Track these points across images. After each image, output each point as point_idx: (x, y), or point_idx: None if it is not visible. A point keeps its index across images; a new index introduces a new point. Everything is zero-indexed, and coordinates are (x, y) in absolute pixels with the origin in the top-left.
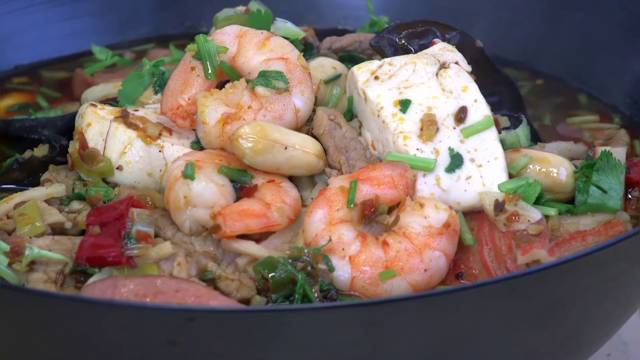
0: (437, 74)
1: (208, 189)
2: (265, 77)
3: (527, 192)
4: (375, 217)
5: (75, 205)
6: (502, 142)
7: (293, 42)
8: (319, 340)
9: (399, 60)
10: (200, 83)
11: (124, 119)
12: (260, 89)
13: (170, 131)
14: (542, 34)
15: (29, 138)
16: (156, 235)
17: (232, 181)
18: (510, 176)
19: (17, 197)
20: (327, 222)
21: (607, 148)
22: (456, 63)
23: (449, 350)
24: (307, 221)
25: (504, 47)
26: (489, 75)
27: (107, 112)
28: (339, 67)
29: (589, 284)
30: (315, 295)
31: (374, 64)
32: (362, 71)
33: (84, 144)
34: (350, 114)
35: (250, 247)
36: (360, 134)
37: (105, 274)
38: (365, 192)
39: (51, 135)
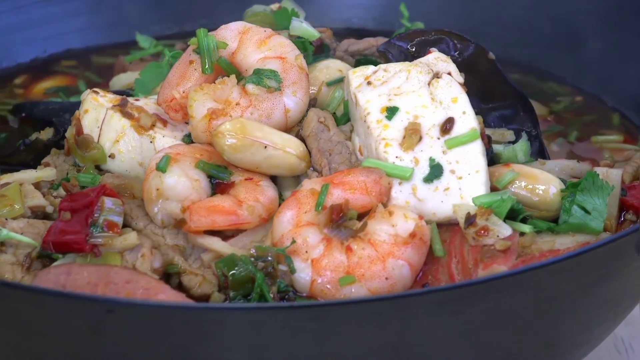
0: (429, 83)
1: (180, 183)
2: (258, 75)
3: (500, 207)
4: (343, 222)
5: (63, 190)
6: (499, 156)
7: (303, 42)
8: (243, 340)
9: (394, 67)
10: (197, 77)
11: (121, 107)
12: (250, 87)
13: (165, 123)
14: (590, 52)
15: (51, 121)
16: (128, 226)
17: (210, 177)
18: (496, 190)
19: (6, 178)
20: (294, 224)
21: (605, 169)
22: (449, 74)
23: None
24: (275, 221)
25: (551, 61)
26: (500, 87)
27: (107, 100)
28: (346, 70)
29: (540, 298)
30: (272, 295)
31: (369, 69)
32: (356, 75)
33: (79, 130)
34: (346, 118)
35: (214, 244)
36: (350, 138)
37: (69, 260)
38: (336, 196)
39: (64, 119)
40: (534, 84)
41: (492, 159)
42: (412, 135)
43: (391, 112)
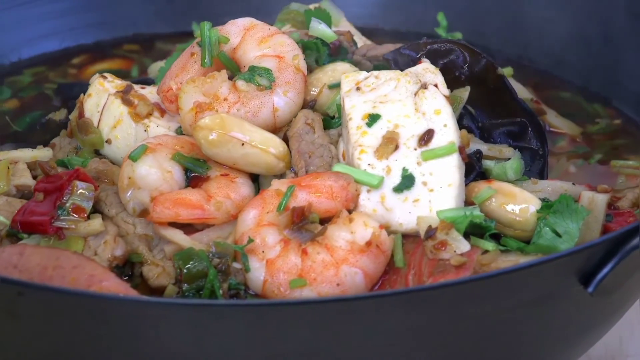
0: (416, 94)
1: (151, 173)
2: (251, 72)
3: (461, 223)
4: (303, 225)
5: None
6: (489, 172)
7: (316, 43)
8: (144, 334)
9: (385, 74)
10: (196, 70)
11: (123, 94)
12: (240, 83)
13: (163, 113)
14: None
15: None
16: (101, 211)
17: (187, 170)
18: (471, 205)
19: (2, 155)
20: (256, 223)
21: (592, 194)
22: (435, 85)
23: None
24: (239, 219)
25: (599, 81)
26: (507, 104)
27: (113, 86)
28: None
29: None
30: (221, 292)
31: (361, 75)
32: (348, 80)
33: (81, 113)
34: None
35: (176, 236)
36: (337, 142)
37: (34, 241)
38: (301, 199)
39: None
40: (580, 103)
41: (483, 174)
42: (388, 143)
43: (372, 119)
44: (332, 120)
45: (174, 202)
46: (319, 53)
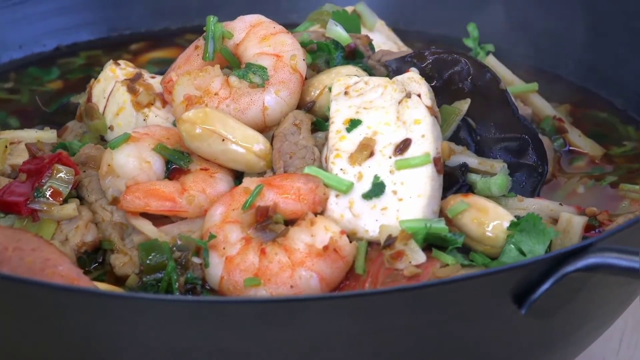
0: (400, 102)
1: (129, 162)
2: (246, 69)
3: (420, 235)
4: (267, 224)
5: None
6: (474, 186)
7: (328, 45)
8: (73, 324)
9: (374, 80)
10: (199, 63)
11: (130, 82)
12: (232, 79)
13: (165, 103)
14: None
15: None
16: (82, 197)
17: (169, 162)
18: (446, 219)
19: (6, 134)
20: (221, 219)
21: (569, 215)
22: (419, 95)
23: None
24: (207, 214)
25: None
26: (508, 119)
27: (123, 73)
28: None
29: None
30: (177, 285)
31: (352, 79)
32: (339, 84)
33: (89, 98)
34: None
35: (143, 226)
36: (324, 144)
37: (9, 221)
38: (267, 199)
39: None
40: (615, 125)
41: (470, 188)
42: (363, 150)
43: (353, 124)
44: (326, 123)
45: (146, 192)
46: (330, 55)
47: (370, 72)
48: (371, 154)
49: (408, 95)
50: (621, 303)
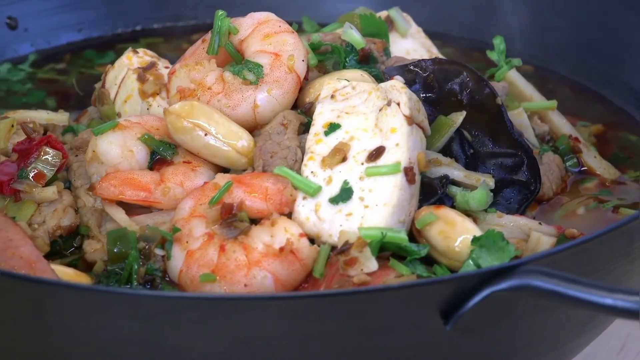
0: (380, 109)
1: (111, 150)
2: (243, 66)
3: (374, 243)
4: (232, 222)
5: (67, 137)
6: (453, 197)
7: (337, 47)
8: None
9: (361, 86)
10: (204, 57)
11: (143, 70)
12: (226, 75)
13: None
14: None
15: None
16: (69, 181)
17: (154, 152)
18: (415, 230)
19: (19, 113)
20: (189, 213)
21: (539, 235)
22: (398, 104)
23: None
24: (178, 207)
25: None
26: (503, 134)
27: (139, 61)
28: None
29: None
30: (136, 276)
31: (341, 84)
32: (328, 87)
33: (103, 84)
34: None
35: (116, 215)
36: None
37: None
38: (235, 196)
39: None
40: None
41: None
42: (336, 154)
43: (332, 128)
44: None
45: (122, 181)
46: (339, 58)
47: (380, 77)
48: (344, 159)
49: (388, 103)
50: (579, 327)
